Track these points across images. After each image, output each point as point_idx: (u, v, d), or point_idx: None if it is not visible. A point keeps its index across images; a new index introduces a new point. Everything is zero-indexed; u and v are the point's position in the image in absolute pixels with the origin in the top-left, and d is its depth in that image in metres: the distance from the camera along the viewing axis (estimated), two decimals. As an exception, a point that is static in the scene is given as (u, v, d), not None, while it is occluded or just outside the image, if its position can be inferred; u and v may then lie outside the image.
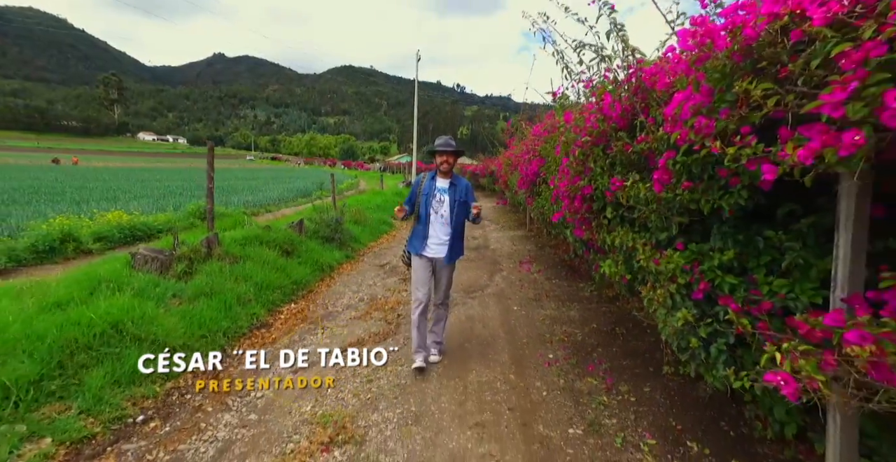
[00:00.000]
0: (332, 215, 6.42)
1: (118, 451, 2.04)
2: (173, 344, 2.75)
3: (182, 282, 3.62)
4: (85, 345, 2.39)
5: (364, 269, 5.90)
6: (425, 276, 2.95)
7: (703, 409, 2.43)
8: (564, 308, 4.31)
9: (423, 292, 2.95)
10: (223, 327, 3.26)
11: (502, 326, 3.81)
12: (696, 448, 2.10)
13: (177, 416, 2.37)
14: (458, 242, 2.96)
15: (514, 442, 2.18)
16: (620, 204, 2.30)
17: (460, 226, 2.95)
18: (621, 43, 2.36)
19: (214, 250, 4.26)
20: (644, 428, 2.28)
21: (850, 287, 1.33)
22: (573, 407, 2.50)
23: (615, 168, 2.39)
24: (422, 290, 2.95)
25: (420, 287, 2.94)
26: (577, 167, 2.75)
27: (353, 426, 2.28)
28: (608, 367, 2.98)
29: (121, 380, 2.36)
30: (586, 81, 2.79)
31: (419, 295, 2.93)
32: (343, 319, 3.97)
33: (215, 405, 2.50)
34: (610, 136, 2.41)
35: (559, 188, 3.03)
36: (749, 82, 1.25)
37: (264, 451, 2.09)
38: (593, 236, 2.79)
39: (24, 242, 6.54)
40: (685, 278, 1.83)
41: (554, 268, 5.97)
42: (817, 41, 1.08)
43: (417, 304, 2.93)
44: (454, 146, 2.90)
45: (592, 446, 2.14)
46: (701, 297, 1.78)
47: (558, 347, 3.35)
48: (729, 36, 1.38)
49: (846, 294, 1.32)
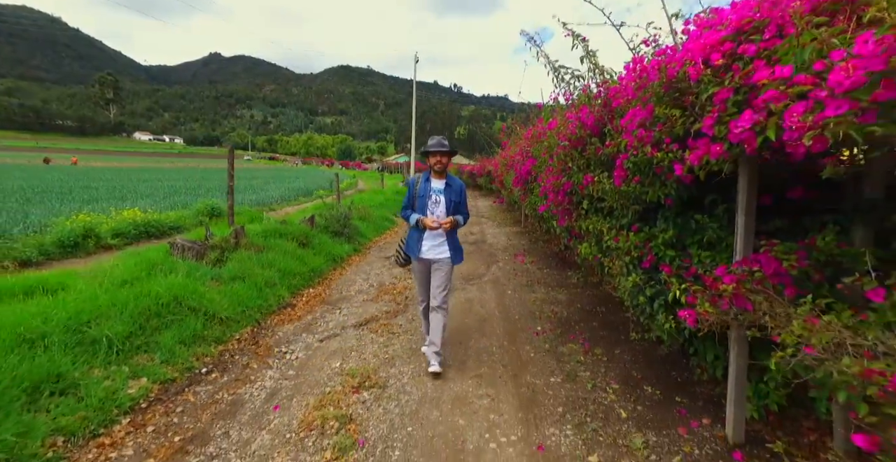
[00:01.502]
0: (340, 212, 6.94)
1: (193, 391, 2.57)
2: (220, 315, 3.28)
3: (217, 268, 4.13)
4: (156, 312, 2.91)
5: (371, 260, 6.43)
6: (422, 279, 2.98)
7: (659, 364, 2.97)
8: (553, 292, 4.86)
9: (423, 293, 3.02)
10: (256, 305, 3.77)
11: (497, 307, 4.35)
12: (650, 390, 2.64)
13: (231, 371, 2.89)
14: (455, 242, 2.96)
15: (506, 387, 2.72)
16: (593, 196, 2.85)
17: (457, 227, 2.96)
18: (592, 65, 2.91)
19: (241, 241, 4.77)
20: (611, 378, 2.83)
21: (743, 254, 1.88)
22: (555, 364, 3.04)
23: (589, 167, 2.94)
24: (421, 291, 3.03)
25: (419, 288, 3.04)
26: (559, 166, 3.30)
27: (376, 377, 2.81)
28: (587, 336, 3.53)
29: (186, 340, 2.87)
30: (567, 95, 3.34)
31: (421, 294, 3.05)
32: (357, 301, 4.50)
33: (259, 364, 3.03)
34: (585, 141, 2.95)
35: (546, 184, 3.58)
36: (667, 108, 1.80)
37: (307, 393, 2.62)
38: (573, 224, 3.34)
39: (50, 238, 6.98)
40: (637, 252, 2.38)
41: (545, 259, 6.52)
42: (702, 83, 1.62)
43: (421, 300, 3.08)
44: (447, 146, 2.88)
45: (568, 389, 2.68)
46: (648, 266, 2.33)
47: (546, 322, 3.90)
48: (658, 72, 1.92)
49: (740, 258, 1.87)
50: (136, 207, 10.28)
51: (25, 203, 12.22)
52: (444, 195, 2.89)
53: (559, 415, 2.40)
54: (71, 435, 1.93)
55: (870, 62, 0.91)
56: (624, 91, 2.26)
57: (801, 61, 1.21)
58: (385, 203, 11.53)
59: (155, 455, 2.01)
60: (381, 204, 11.27)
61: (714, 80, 1.57)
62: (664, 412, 2.40)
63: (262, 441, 2.15)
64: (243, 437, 2.19)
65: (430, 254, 2.87)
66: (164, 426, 2.23)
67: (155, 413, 2.32)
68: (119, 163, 47.54)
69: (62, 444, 1.88)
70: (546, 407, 2.48)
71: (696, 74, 1.62)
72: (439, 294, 2.87)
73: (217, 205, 10.71)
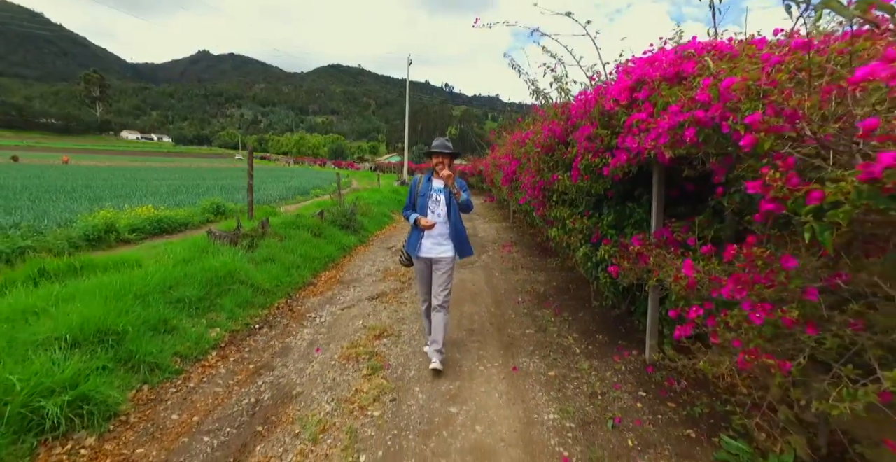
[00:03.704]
0: (346, 207, 7.71)
1: (253, 339, 3.35)
2: (262, 288, 4.05)
3: (250, 252, 4.89)
4: (216, 283, 3.68)
5: (375, 250, 7.23)
6: (424, 278, 2.99)
7: (611, 322, 3.83)
8: (534, 274, 5.71)
9: (425, 292, 3.03)
10: (287, 281, 4.55)
11: (486, 284, 5.19)
12: (600, 337, 3.49)
13: (276, 328, 3.68)
14: (461, 239, 2.95)
15: (492, 337, 3.55)
16: (559, 191, 3.70)
17: (459, 223, 2.96)
18: (559, 88, 3.75)
19: (267, 230, 5.53)
20: (573, 330, 3.67)
21: (655, 229, 2.73)
22: (531, 322, 3.88)
23: (556, 168, 3.77)
24: (422, 290, 3.05)
25: (420, 287, 3.06)
26: (535, 167, 4.14)
27: (391, 330, 3.62)
28: (558, 305, 4.38)
29: (241, 304, 3.65)
30: (542, 111, 4.19)
31: (422, 293, 3.07)
32: (367, 282, 5.29)
33: (297, 324, 3.81)
34: (554, 147, 3.79)
35: (525, 182, 4.42)
36: (601, 128, 2.64)
37: (339, 341, 3.42)
38: (546, 213, 4.19)
39: (76, 232, 7.62)
40: (588, 231, 3.23)
41: (530, 249, 7.38)
42: (617, 114, 2.46)
43: (423, 300, 3.10)
44: (451, 148, 2.91)
45: (539, 337, 3.52)
46: (595, 241, 3.18)
47: (526, 295, 4.74)
48: (595, 104, 2.76)
49: (653, 232, 2.72)
50: (147, 205, 10.91)
51: (36, 201, 12.74)
52: (444, 194, 2.93)
53: (529, 352, 3.24)
54: (183, 358, 2.71)
55: (673, 117, 1.75)
56: (577, 113, 3.10)
57: (661, 107, 2.05)
58: (383, 200, 12.31)
59: (239, 374, 2.80)
60: (379, 201, 12.04)
61: (624, 112, 2.42)
62: (607, 350, 3.25)
63: (313, 368, 2.95)
64: (298, 366, 2.99)
65: (431, 252, 2.89)
66: (240, 359, 3.02)
67: (231, 351, 3.10)
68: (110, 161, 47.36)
69: (180, 362, 2.66)
70: (521, 347, 3.32)
71: (613, 108, 2.47)
72: (441, 293, 2.87)
73: (221, 203, 11.32)
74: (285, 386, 2.72)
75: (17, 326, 2.41)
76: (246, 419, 2.36)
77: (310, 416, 2.34)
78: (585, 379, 2.80)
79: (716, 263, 1.72)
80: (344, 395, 2.56)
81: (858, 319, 1.27)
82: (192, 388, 2.60)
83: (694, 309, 1.81)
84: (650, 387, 2.65)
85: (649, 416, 2.35)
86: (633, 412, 2.40)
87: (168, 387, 2.55)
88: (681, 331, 1.91)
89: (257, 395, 2.61)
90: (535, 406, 2.48)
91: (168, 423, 2.25)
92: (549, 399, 2.56)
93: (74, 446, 1.90)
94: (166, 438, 2.14)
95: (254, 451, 2.09)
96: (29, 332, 2.33)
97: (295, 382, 2.76)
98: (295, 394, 2.62)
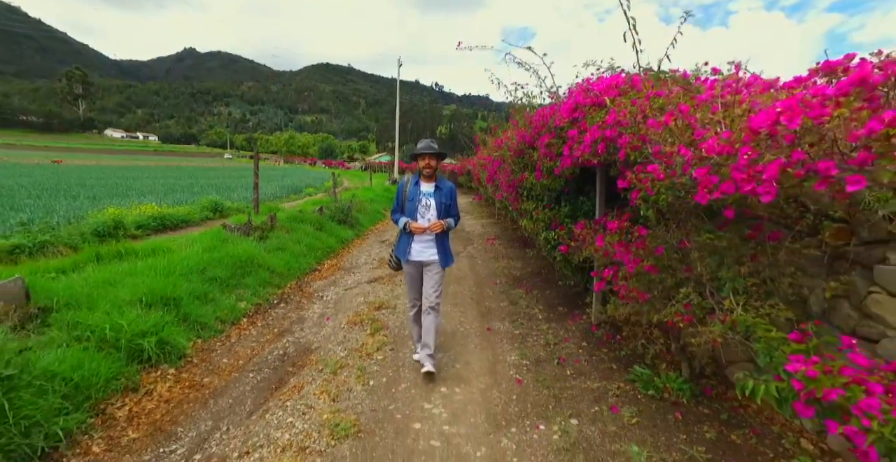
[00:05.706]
0: (344, 204, 8.39)
1: (273, 311, 4.05)
2: (277, 271, 4.74)
3: (263, 242, 5.56)
4: (240, 266, 4.36)
5: (370, 242, 7.93)
6: (414, 282, 2.95)
7: (572, 297, 4.60)
8: (513, 262, 6.48)
9: (414, 296, 2.98)
10: (296, 267, 5.24)
11: (470, 270, 5.94)
12: (560, 309, 4.26)
13: (291, 303, 4.37)
14: (446, 245, 2.93)
15: (472, 308, 4.29)
16: (527, 188, 4.45)
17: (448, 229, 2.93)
18: (528, 105, 4.51)
19: (275, 224, 6.20)
20: (539, 303, 4.44)
21: (597, 217, 3.50)
22: (505, 298, 4.64)
23: (526, 169, 4.53)
24: (412, 294, 2.99)
25: (410, 291, 3.00)
26: (509, 168, 4.90)
27: (389, 304, 4.34)
28: (530, 285, 5.14)
29: (261, 284, 4.34)
30: (514, 121, 4.94)
31: (411, 298, 3.01)
32: (365, 269, 6.00)
33: (307, 301, 4.51)
34: (524, 151, 4.54)
35: (501, 180, 5.18)
36: (554, 138, 3.40)
37: (345, 312, 4.12)
38: (518, 207, 4.95)
39: (87, 228, 8.13)
40: (548, 221, 3.99)
41: (511, 242, 8.16)
42: (564, 128, 3.21)
43: (411, 305, 3.03)
44: (436, 149, 2.82)
45: (511, 308, 4.28)
46: (554, 228, 3.94)
47: (503, 278, 5.50)
48: (550, 118, 3.52)
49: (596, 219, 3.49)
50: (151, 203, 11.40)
51: (37, 199, 13.10)
52: (433, 198, 2.85)
53: (501, 318, 3.99)
54: (223, 321, 3.40)
55: (592, 134, 2.50)
56: (538, 125, 3.86)
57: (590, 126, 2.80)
58: (376, 198, 13.00)
59: (267, 335, 3.50)
60: (372, 199, 12.73)
61: (569, 127, 3.18)
62: (565, 317, 4.02)
63: (326, 330, 3.66)
64: (313, 330, 3.70)
65: (421, 256, 2.85)
66: (265, 325, 3.72)
67: (258, 319, 3.80)
68: (97, 160, 46.94)
69: (220, 324, 3.36)
70: (495, 315, 4.07)
71: (561, 122, 3.23)
72: (432, 294, 2.83)
73: (219, 201, 11.84)
74: (306, 343, 3.43)
75: (106, 291, 3.08)
76: (279, 363, 3.07)
77: (329, 359, 3.05)
78: (543, 336, 3.56)
79: (617, 237, 2.48)
80: (353, 347, 3.28)
81: (687, 266, 2.04)
82: (234, 342, 3.29)
83: (606, 270, 2.58)
84: (591, 340, 3.43)
85: (586, 357, 3.12)
86: (574, 355, 3.17)
87: (215, 341, 3.24)
88: (598, 286, 2.68)
89: (284, 349, 3.32)
90: (501, 352, 3.24)
91: (221, 365, 2.95)
92: (512, 348, 3.31)
93: (162, 373, 2.60)
94: (222, 373, 2.84)
95: (288, 381, 2.80)
96: (115, 295, 3.00)
97: (312, 341, 3.47)
98: (314, 348, 3.33)
